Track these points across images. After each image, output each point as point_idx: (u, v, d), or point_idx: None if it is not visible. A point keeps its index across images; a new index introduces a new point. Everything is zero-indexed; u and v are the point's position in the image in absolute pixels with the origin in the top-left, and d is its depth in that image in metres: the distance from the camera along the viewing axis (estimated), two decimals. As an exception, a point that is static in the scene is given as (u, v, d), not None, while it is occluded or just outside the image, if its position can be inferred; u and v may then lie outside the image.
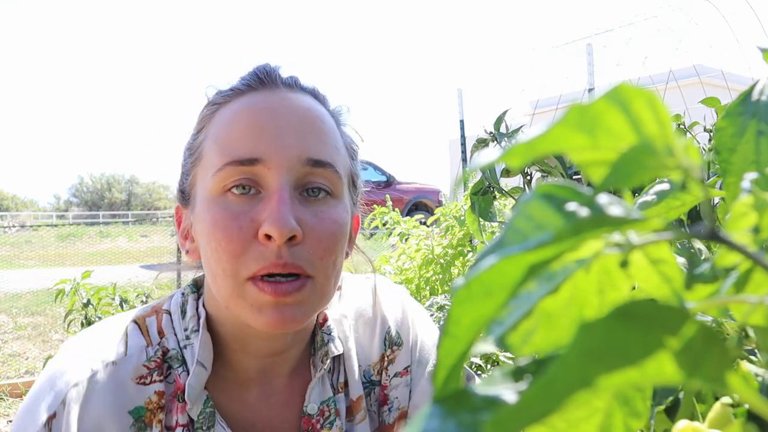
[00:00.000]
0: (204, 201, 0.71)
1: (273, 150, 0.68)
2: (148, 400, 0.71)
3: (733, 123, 0.31)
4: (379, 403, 0.87)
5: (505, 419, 0.17)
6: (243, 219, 0.67)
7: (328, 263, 0.70)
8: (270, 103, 0.72)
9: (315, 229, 0.69)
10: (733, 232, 0.24)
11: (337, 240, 0.71)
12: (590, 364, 0.17)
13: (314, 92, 0.77)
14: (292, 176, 0.69)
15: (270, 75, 0.74)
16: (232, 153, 0.69)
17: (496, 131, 0.93)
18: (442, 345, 0.19)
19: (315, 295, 0.70)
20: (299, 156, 0.69)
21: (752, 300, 0.22)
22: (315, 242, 0.68)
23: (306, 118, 0.72)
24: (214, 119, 0.74)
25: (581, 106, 0.19)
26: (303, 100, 0.74)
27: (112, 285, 3.39)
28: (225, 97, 0.74)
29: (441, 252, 2.66)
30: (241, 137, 0.69)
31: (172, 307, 0.78)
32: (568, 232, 0.19)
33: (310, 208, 0.70)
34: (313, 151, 0.70)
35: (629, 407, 0.24)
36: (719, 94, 1.03)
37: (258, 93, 0.73)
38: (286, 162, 0.68)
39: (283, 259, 0.66)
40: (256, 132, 0.69)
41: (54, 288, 3.33)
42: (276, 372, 0.80)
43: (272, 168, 0.68)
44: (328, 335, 0.82)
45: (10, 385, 3.65)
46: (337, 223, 0.71)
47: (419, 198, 11.61)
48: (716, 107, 0.92)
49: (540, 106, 5.14)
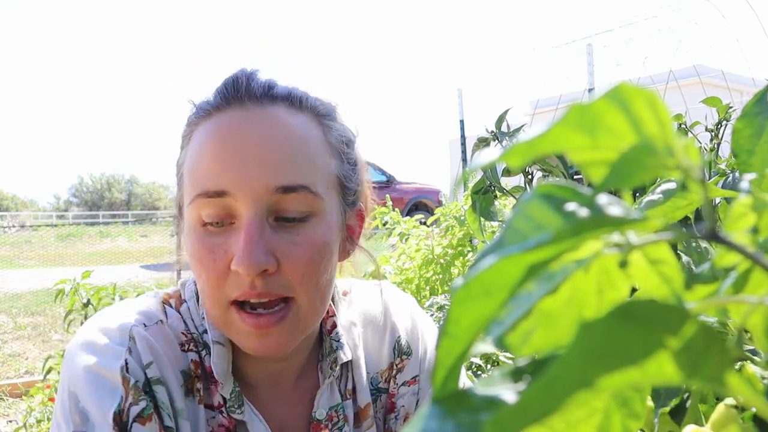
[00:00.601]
0: (186, 227, 0.71)
1: (239, 182, 0.66)
2: (188, 366, 0.74)
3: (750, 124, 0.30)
4: (385, 410, 0.88)
5: (505, 420, 0.17)
6: (217, 252, 0.67)
7: (308, 285, 0.69)
8: (233, 129, 0.69)
9: (291, 256, 0.68)
10: (733, 232, 0.24)
11: (316, 262, 0.69)
12: (590, 365, 0.17)
13: (289, 97, 0.72)
14: (262, 206, 0.67)
15: (237, 90, 0.71)
16: (201, 185, 0.68)
17: (497, 130, 0.93)
18: (441, 345, 0.19)
19: (298, 318, 0.70)
20: (267, 186, 0.67)
21: (751, 300, 0.22)
22: (291, 269, 0.68)
23: (274, 140, 0.68)
24: (191, 142, 0.72)
25: (581, 106, 0.19)
26: (272, 118, 0.70)
27: (112, 285, 3.39)
28: (198, 117, 0.73)
29: (441, 252, 2.66)
30: (207, 169, 0.68)
31: (186, 294, 0.79)
32: (568, 232, 0.19)
33: (286, 234, 0.68)
34: (282, 178, 0.67)
35: (628, 408, 0.24)
36: (719, 94, 1.03)
37: (224, 114, 0.70)
38: (254, 193, 0.66)
39: (258, 290, 0.67)
40: (220, 163, 0.67)
41: (54, 288, 3.34)
42: (283, 376, 0.80)
43: (240, 200, 0.67)
44: (336, 342, 0.82)
45: (10, 385, 3.65)
46: (316, 246, 0.69)
47: (419, 198, 11.60)
48: (717, 107, 0.92)
49: (540, 106, 5.14)
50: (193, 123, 0.73)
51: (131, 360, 0.68)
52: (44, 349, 4.76)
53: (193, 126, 0.73)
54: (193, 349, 0.75)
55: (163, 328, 0.74)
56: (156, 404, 0.68)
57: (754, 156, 0.29)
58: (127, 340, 0.70)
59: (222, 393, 0.74)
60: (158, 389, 0.69)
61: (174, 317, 0.76)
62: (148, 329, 0.72)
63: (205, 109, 0.72)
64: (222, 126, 0.69)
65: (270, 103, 0.71)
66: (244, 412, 0.75)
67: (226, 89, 0.71)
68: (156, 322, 0.74)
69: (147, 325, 0.73)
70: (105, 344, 0.69)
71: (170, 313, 0.76)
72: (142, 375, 0.68)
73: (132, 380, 0.67)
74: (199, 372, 0.74)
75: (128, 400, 0.66)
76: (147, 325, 0.73)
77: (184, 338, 0.75)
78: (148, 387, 0.68)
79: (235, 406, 0.74)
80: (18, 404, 3.47)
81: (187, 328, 0.76)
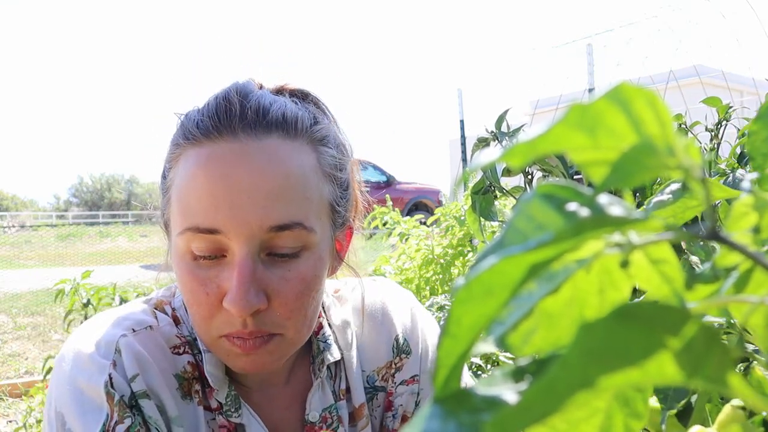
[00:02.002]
0: (175, 254, 0.70)
1: (231, 222, 0.65)
2: (183, 369, 0.73)
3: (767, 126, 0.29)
4: (383, 409, 0.87)
5: (506, 420, 0.17)
6: (210, 285, 0.67)
7: (297, 319, 0.69)
8: (226, 164, 0.65)
9: (282, 292, 0.67)
10: (734, 232, 0.24)
11: (306, 296, 0.69)
12: (591, 365, 0.17)
13: (283, 123, 0.69)
14: (255, 244, 0.66)
15: (230, 118, 0.67)
16: (191, 220, 0.66)
17: (497, 130, 0.93)
18: (442, 345, 0.19)
19: (285, 345, 0.71)
20: (260, 225, 0.65)
21: (752, 300, 0.22)
22: (282, 305, 0.67)
23: (267, 176, 0.66)
24: (178, 166, 0.70)
25: (582, 106, 0.19)
26: (266, 151, 0.67)
27: (112, 285, 3.39)
28: (187, 142, 0.69)
29: (441, 252, 2.66)
30: (197, 204, 0.66)
31: (176, 303, 0.79)
32: (569, 232, 0.19)
33: (278, 269, 0.67)
34: (275, 217, 0.65)
35: (630, 408, 0.24)
36: (719, 94, 1.03)
37: (216, 145, 0.67)
38: (247, 232, 0.65)
39: (249, 328, 0.66)
40: (212, 201, 0.65)
41: (54, 288, 3.33)
42: (273, 380, 0.80)
43: (233, 238, 0.65)
44: (323, 343, 0.82)
45: (10, 385, 3.65)
46: (306, 281, 0.68)
47: (419, 198, 11.60)
48: (717, 107, 0.92)
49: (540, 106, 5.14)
50: (182, 146, 0.70)
51: (116, 374, 0.67)
52: (44, 349, 4.76)
53: (182, 149, 0.70)
54: (188, 352, 0.75)
55: (152, 334, 0.73)
56: (144, 419, 0.68)
57: (771, 159, 0.28)
58: (113, 352, 0.69)
59: (217, 398, 0.74)
60: (144, 403, 0.68)
61: (165, 322, 0.75)
62: (137, 335, 0.72)
63: (194, 135, 0.68)
64: (214, 159, 0.66)
65: (264, 133, 0.68)
66: (242, 414, 0.75)
67: (218, 116, 0.68)
68: (145, 327, 0.73)
69: (136, 330, 0.72)
70: (90, 358, 0.69)
71: (161, 318, 0.76)
72: (128, 389, 0.68)
73: (117, 396, 0.66)
74: (196, 374, 0.74)
75: (114, 418, 0.66)
76: (136, 331, 0.72)
77: (178, 341, 0.75)
78: (134, 401, 0.68)
79: (232, 409, 0.74)
80: (18, 404, 3.47)
81: (180, 332, 0.76)
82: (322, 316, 0.84)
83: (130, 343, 0.70)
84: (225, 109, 0.68)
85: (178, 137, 0.71)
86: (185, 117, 0.72)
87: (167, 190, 0.72)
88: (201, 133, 0.68)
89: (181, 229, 0.67)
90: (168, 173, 0.73)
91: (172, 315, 0.77)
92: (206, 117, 0.68)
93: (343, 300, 0.89)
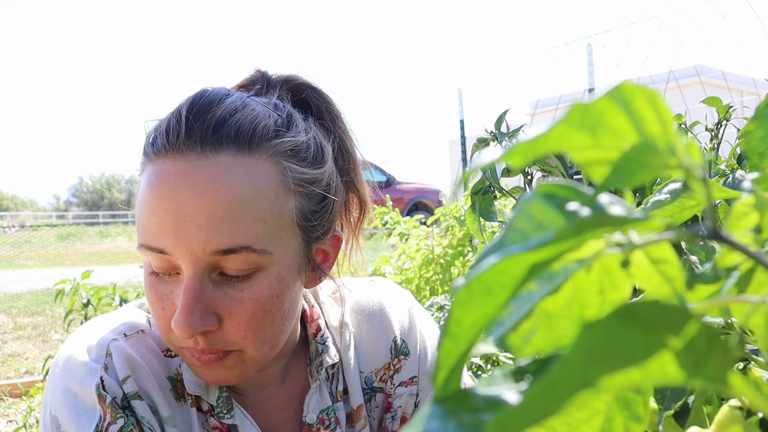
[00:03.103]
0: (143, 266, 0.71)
1: (176, 244, 0.64)
2: (176, 371, 0.74)
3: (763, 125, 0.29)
4: (382, 410, 0.87)
5: (507, 420, 0.16)
6: (166, 302, 0.67)
7: (254, 338, 0.67)
8: (170, 186, 0.64)
9: (233, 314, 0.65)
10: (735, 232, 0.23)
11: (260, 318, 0.67)
12: (592, 365, 0.17)
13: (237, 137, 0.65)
14: (201, 266, 0.64)
15: (177, 136, 0.64)
16: (143, 237, 0.66)
17: (497, 131, 0.93)
18: (442, 345, 0.19)
19: (245, 361, 0.69)
20: (204, 249, 0.63)
21: (754, 300, 0.22)
22: (234, 326, 0.66)
23: (211, 200, 0.63)
24: (141, 180, 0.68)
25: (583, 105, 0.19)
26: (212, 172, 0.64)
27: (112, 285, 3.39)
28: (145, 156, 0.68)
29: (441, 252, 2.66)
30: (147, 224, 0.66)
31: None
32: (569, 231, 0.19)
33: (230, 289, 0.66)
34: (218, 241, 0.63)
35: (630, 410, 0.24)
36: (719, 94, 1.02)
37: (162, 164, 0.65)
38: (191, 256, 0.64)
39: (200, 346, 0.66)
40: (158, 223, 0.64)
41: (54, 288, 3.34)
42: (267, 381, 0.80)
43: (179, 260, 0.64)
44: (322, 345, 0.81)
45: (10, 386, 3.65)
46: (260, 301, 0.66)
47: (419, 198, 11.60)
48: (717, 107, 0.92)
49: (540, 106, 5.14)
50: (143, 161, 0.69)
51: (107, 377, 0.68)
52: (44, 349, 4.76)
53: (143, 164, 0.69)
54: None
55: (144, 338, 0.73)
56: (137, 419, 0.68)
57: (766, 158, 0.28)
58: (104, 356, 0.69)
59: (208, 400, 0.74)
60: (137, 404, 0.68)
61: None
62: (128, 339, 0.72)
63: (147, 152, 0.67)
64: (159, 179, 0.65)
65: (213, 150, 0.64)
66: (234, 416, 0.75)
67: (167, 134, 0.65)
68: (137, 331, 0.73)
69: (127, 335, 0.72)
70: (82, 363, 0.69)
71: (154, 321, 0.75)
72: (120, 391, 0.68)
73: (108, 398, 0.67)
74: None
75: (106, 419, 0.66)
76: (127, 335, 0.72)
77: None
78: (126, 402, 0.68)
79: (224, 411, 0.74)
80: (18, 404, 3.47)
81: None
82: (319, 317, 0.83)
83: (121, 347, 0.70)
84: (173, 127, 0.65)
85: (142, 151, 0.70)
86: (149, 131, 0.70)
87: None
88: (153, 150, 0.67)
89: (138, 244, 0.68)
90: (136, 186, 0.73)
91: None
92: (157, 133, 0.67)
93: (341, 300, 0.88)
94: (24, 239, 13.03)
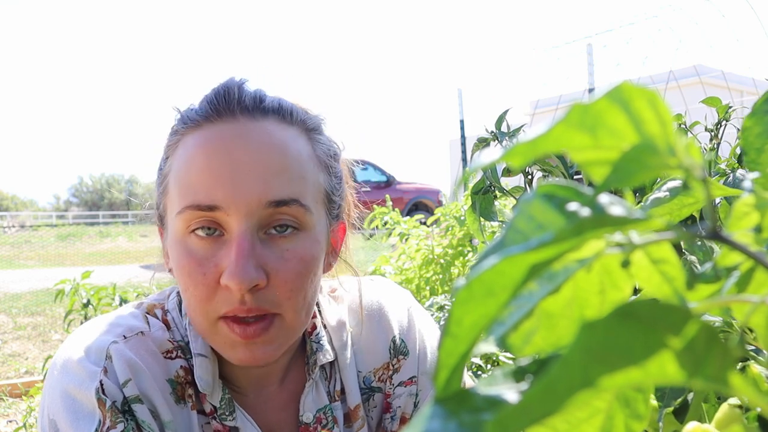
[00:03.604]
0: (172, 238, 0.71)
1: (231, 196, 0.66)
2: (176, 374, 0.73)
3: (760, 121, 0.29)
4: (381, 410, 0.87)
5: (507, 419, 0.16)
6: (207, 265, 0.67)
7: (296, 300, 0.69)
8: (226, 142, 0.68)
9: (281, 271, 0.68)
10: (735, 232, 0.24)
11: (304, 277, 0.70)
12: (592, 364, 0.17)
13: (279, 109, 0.72)
14: (254, 220, 0.67)
15: (228, 102, 0.70)
16: (191, 197, 0.67)
17: (497, 131, 0.93)
18: (443, 345, 0.19)
19: (284, 331, 0.70)
20: (260, 200, 0.66)
21: (754, 300, 0.22)
22: (281, 284, 0.68)
23: (265, 153, 0.68)
24: (177, 152, 0.71)
25: (583, 105, 0.19)
26: (263, 130, 0.70)
27: (112, 285, 3.39)
28: (185, 127, 0.71)
29: (441, 252, 2.66)
30: (198, 181, 0.67)
31: (169, 305, 0.79)
32: (570, 232, 0.19)
33: (276, 248, 0.68)
34: (274, 192, 0.67)
35: (630, 409, 0.24)
36: (719, 94, 1.03)
37: (214, 126, 0.69)
38: (246, 207, 0.66)
39: (247, 305, 0.66)
40: (212, 177, 0.67)
41: (54, 288, 3.33)
42: (268, 380, 0.80)
43: (232, 214, 0.66)
44: (317, 344, 0.82)
45: (10, 385, 3.65)
46: (304, 261, 0.69)
47: (419, 198, 11.60)
48: (717, 107, 0.92)
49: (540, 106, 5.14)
50: (180, 132, 0.72)
51: (107, 381, 0.68)
52: (44, 349, 4.76)
53: (180, 135, 0.71)
54: (180, 356, 0.74)
55: (144, 340, 0.73)
56: (137, 423, 0.68)
57: (763, 154, 0.29)
58: (103, 359, 0.69)
59: (211, 401, 0.74)
60: (137, 408, 0.68)
61: (157, 327, 0.75)
62: (128, 341, 0.71)
63: (193, 119, 0.70)
64: (213, 138, 0.68)
65: (261, 116, 0.70)
66: (236, 418, 0.75)
67: (217, 100, 0.70)
68: (136, 333, 0.73)
69: (127, 337, 0.72)
70: (81, 365, 0.69)
71: (153, 323, 0.76)
72: (120, 395, 0.68)
73: (108, 402, 0.67)
74: (189, 378, 0.74)
75: (106, 424, 0.66)
76: (127, 337, 0.72)
77: (170, 346, 0.74)
78: (126, 406, 0.68)
79: (226, 413, 0.74)
80: (18, 404, 3.47)
81: (172, 336, 0.75)
82: (316, 316, 0.84)
83: (121, 349, 0.70)
84: (224, 94, 0.70)
85: (177, 126, 0.72)
86: (185, 110, 0.73)
87: (164, 179, 0.73)
88: (200, 116, 0.70)
89: (180, 208, 0.68)
90: (165, 163, 0.74)
91: (163, 319, 0.77)
92: (205, 103, 0.71)
93: (339, 299, 0.88)
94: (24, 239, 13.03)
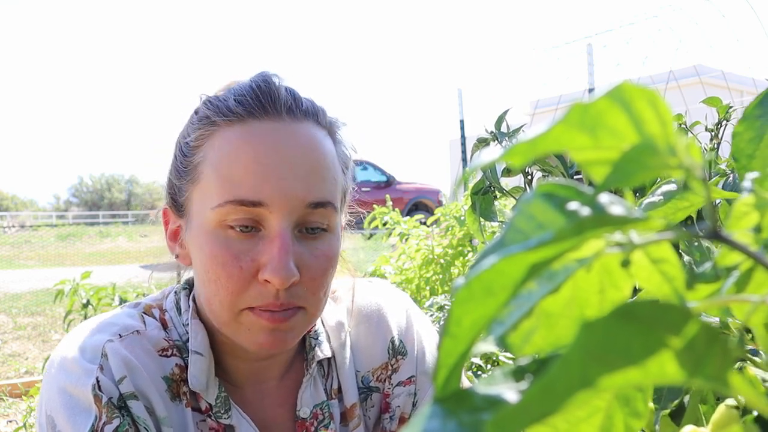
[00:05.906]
0: (202, 229, 0.70)
1: (277, 194, 0.68)
2: (171, 371, 0.74)
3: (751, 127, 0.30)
4: (379, 410, 0.87)
5: (507, 419, 0.16)
6: (244, 259, 0.68)
7: (319, 295, 0.72)
8: (274, 140, 0.69)
9: (311, 268, 0.70)
10: (735, 232, 0.24)
11: (329, 274, 0.73)
12: (591, 364, 0.17)
13: (314, 112, 0.74)
14: (293, 218, 0.69)
15: (273, 99, 0.71)
16: (235, 192, 0.68)
17: (497, 130, 0.93)
18: (443, 345, 0.19)
19: (305, 322, 0.73)
20: (303, 200, 0.69)
21: (754, 299, 0.22)
22: (310, 280, 0.70)
23: (309, 156, 0.70)
24: (214, 142, 0.71)
25: (583, 105, 0.19)
26: (306, 132, 0.72)
27: (112, 285, 3.39)
28: (225, 119, 0.71)
29: (441, 252, 2.66)
30: (244, 176, 0.68)
31: (167, 305, 0.79)
32: (570, 231, 0.19)
33: (307, 246, 0.71)
34: (315, 194, 0.70)
35: (630, 407, 0.24)
36: (719, 94, 1.03)
37: (261, 123, 0.70)
38: (290, 206, 0.68)
39: (280, 300, 0.68)
40: (260, 173, 0.68)
41: (54, 288, 3.34)
42: (267, 375, 0.81)
43: (275, 212, 0.68)
44: (315, 340, 0.83)
45: (10, 385, 3.65)
46: (330, 260, 0.73)
47: (419, 198, 11.61)
48: (717, 107, 0.92)
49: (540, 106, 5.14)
50: (216, 123, 0.71)
51: (103, 377, 0.68)
52: (44, 349, 4.76)
53: (217, 127, 0.71)
54: (176, 354, 0.75)
55: (139, 338, 0.74)
56: (132, 419, 0.68)
57: (754, 160, 0.29)
58: (99, 357, 0.70)
59: (207, 399, 0.74)
60: (133, 404, 0.69)
61: (153, 326, 0.76)
62: (123, 340, 0.72)
63: (234, 112, 0.71)
64: (261, 135, 0.70)
65: (303, 116, 0.72)
66: (232, 416, 0.75)
67: (261, 96, 0.71)
68: (132, 332, 0.74)
69: (122, 335, 0.73)
70: (78, 363, 0.70)
71: (149, 322, 0.76)
72: (116, 391, 0.69)
73: (104, 398, 0.67)
74: (184, 376, 0.74)
75: (102, 419, 0.67)
76: (122, 336, 0.73)
77: (166, 344, 0.75)
78: (122, 403, 0.69)
79: (221, 411, 0.75)
80: (18, 404, 3.47)
81: (169, 335, 0.76)
82: None
83: (117, 348, 0.71)
84: (267, 91, 0.71)
85: (213, 118, 0.72)
86: (215, 97, 0.73)
87: (194, 168, 0.72)
88: (243, 110, 0.71)
89: (221, 202, 0.68)
90: (194, 151, 0.73)
91: (161, 318, 0.78)
92: (248, 96, 0.71)
93: (339, 300, 0.89)
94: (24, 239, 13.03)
